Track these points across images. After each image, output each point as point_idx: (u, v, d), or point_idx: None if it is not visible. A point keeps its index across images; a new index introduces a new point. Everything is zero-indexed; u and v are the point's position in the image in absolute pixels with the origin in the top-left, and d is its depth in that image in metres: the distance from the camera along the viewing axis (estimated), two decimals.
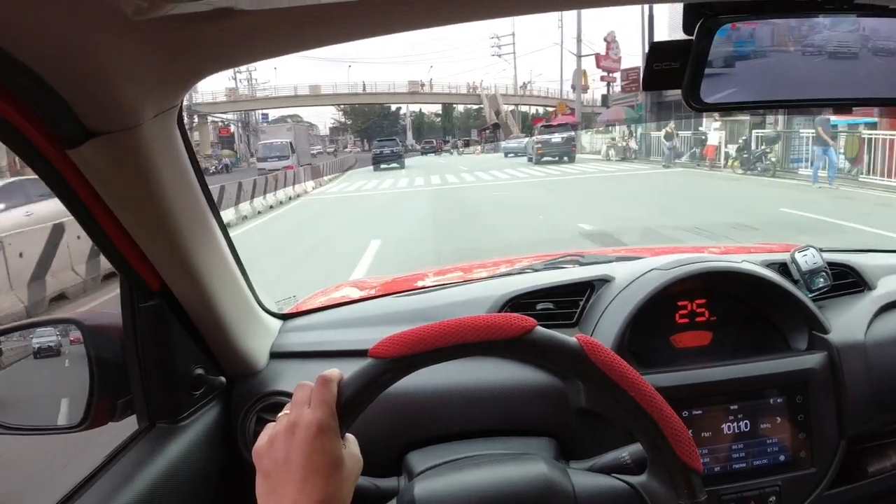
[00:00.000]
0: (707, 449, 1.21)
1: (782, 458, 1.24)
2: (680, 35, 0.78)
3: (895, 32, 0.82)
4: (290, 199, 20.40)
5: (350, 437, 0.77)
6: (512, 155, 38.04)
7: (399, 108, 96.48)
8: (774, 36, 0.80)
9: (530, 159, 31.30)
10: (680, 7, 0.79)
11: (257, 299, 1.28)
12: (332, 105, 79.25)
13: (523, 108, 75.43)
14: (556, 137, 29.90)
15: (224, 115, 61.10)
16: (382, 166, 35.12)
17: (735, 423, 1.23)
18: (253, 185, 17.51)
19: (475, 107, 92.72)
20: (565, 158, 29.43)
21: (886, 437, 1.37)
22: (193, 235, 0.97)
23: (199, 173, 0.99)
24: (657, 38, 0.77)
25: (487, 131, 65.50)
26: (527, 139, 37.30)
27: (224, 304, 1.09)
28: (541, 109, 72.07)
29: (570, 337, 0.76)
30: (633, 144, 29.83)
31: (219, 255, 1.08)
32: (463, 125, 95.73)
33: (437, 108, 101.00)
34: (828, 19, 0.80)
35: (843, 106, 0.87)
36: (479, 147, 57.48)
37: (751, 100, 0.82)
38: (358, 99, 75.17)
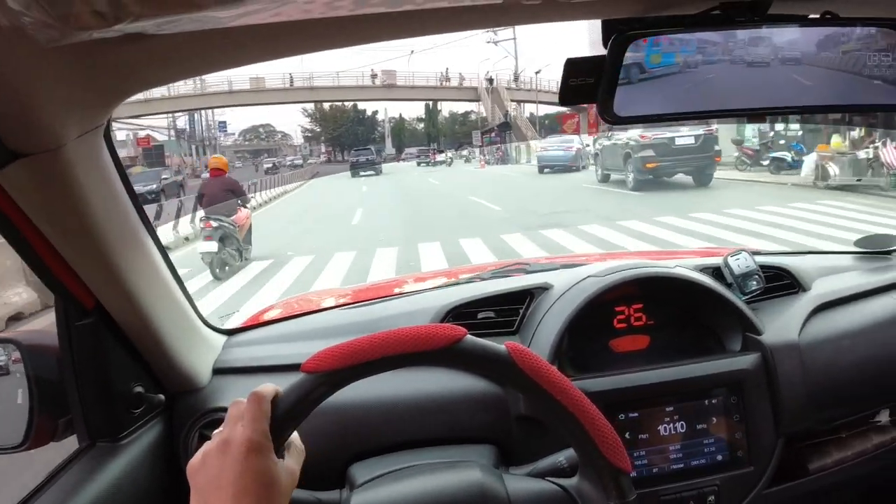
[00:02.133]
0: (644, 451, 1.24)
1: (720, 457, 1.27)
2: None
3: (807, 41, 0.85)
4: None
5: (297, 447, 0.77)
6: (548, 171, 24.66)
7: (376, 113, 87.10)
8: (687, 48, 0.82)
9: (605, 178, 18.82)
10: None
11: (199, 315, 1.27)
12: (279, 103, 60.79)
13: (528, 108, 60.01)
14: (686, 137, 15.08)
15: (140, 121, 46.64)
16: (361, 173, 36.66)
17: (672, 425, 1.25)
18: None
19: (463, 111, 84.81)
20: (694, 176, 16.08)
21: (826, 435, 1.41)
22: (125, 253, 0.97)
23: (131, 190, 0.99)
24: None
25: (492, 133, 52.55)
26: (576, 144, 25.39)
27: (161, 321, 1.09)
28: (550, 109, 56.66)
29: (499, 345, 0.77)
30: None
31: (153, 272, 1.08)
32: (448, 131, 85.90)
33: (420, 112, 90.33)
34: (743, 31, 0.83)
35: (755, 115, 0.90)
36: (479, 155, 44.70)
37: (664, 112, 0.84)
38: (315, 95, 59.90)
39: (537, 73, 60.27)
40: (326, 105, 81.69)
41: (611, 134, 17.77)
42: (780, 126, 18.02)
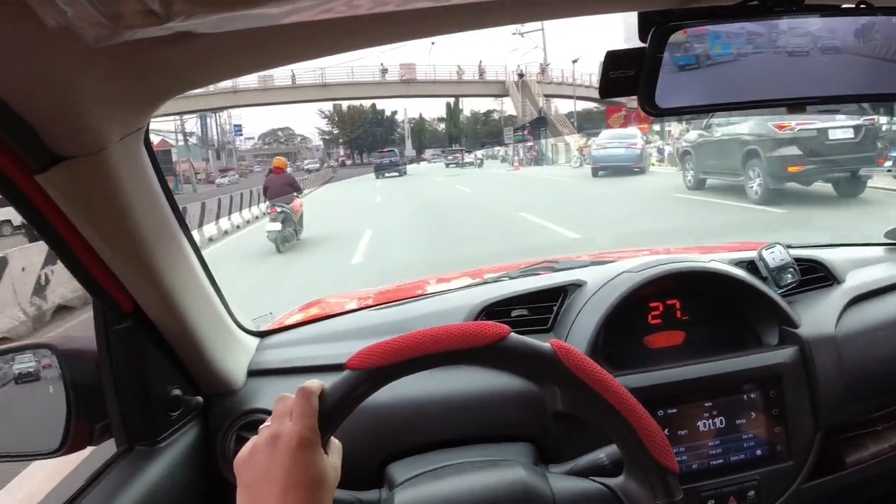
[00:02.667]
0: (684, 447, 1.23)
1: (759, 452, 1.26)
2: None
3: (846, 31, 0.85)
4: None
5: (336, 444, 0.77)
6: (602, 173, 21.10)
7: (395, 114, 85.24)
8: (727, 39, 0.82)
9: (700, 184, 13.75)
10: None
11: (233, 317, 1.28)
12: (287, 103, 57.46)
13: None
14: (843, 130, 10.49)
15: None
16: (386, 175, 37.77)
17: (711, 420, 1.25)
18: None
19: (485, 109, 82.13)
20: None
21: (863, 428, 1.39)
22: (164, 256, 0.98)
23: (169, 193, 0.99)
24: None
25: (524, 131, 48.67)
26: (639, 140, 21.34)
27: (198, 324, 1.09)
28: (578, 105, 51.27)
29: (543, 342, 0.77)
30: None
31: (191, 275, 1.08)
32: (470, 131, 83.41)
33: (440, 111, 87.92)
34: (780, 21, 0.82)
35: (795, 105, 0.89)
36: (512, 155, 40.85)
37: (705, 103, 0.84)
38: (327, 93, 56.22)
39: (574, 62, 59.52)
40: (344, 105, 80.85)
41: (708, 124, 13.02)
42: None
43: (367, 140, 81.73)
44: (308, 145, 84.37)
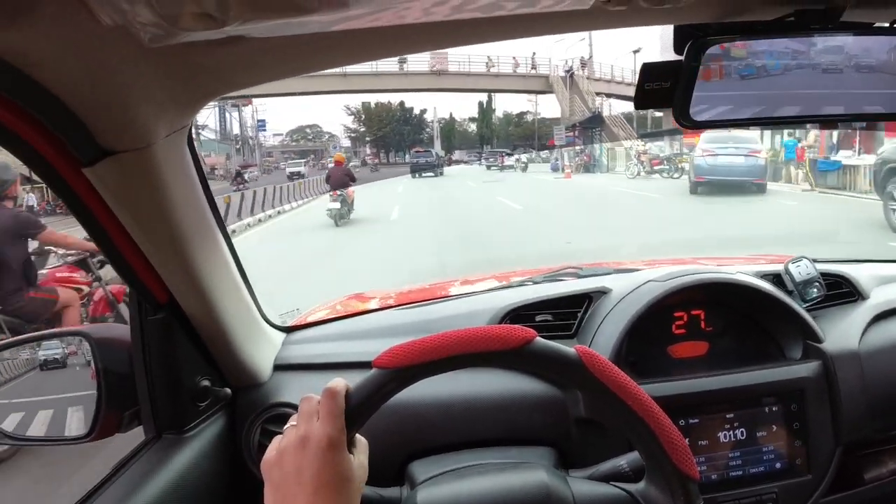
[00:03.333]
0: (704, 457, 1.23)
1: (778, 465, 1.26)
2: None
3: (880, 49, 0.85)
4: None
5: (361, 441, 0.78)
6: (703, 189, 15.59)
7: (424, 112, 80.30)
8: (763, 55, 0.83)
9: None
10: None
11: (261, 312, 1.30)
12: (304, 94, 49.11)
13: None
14: None
15: None
16: (425, 174, 36.11)
17: (732, 432, 1.25)
18: None
19: (518, 110, 79.68)
20: None
21: (883, 445, 1.39)
22: (201, 250, 1.00)
23: (208, 190, 1.02)
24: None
25: (574, 133, 43.76)
26: (762, 148, 15.98)
27: (230, 317, 1.12)
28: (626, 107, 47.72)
29: (569, 348, 0.78)
30: None
31: (225, 270, 1.11)
32: (502, 132, 78.87)
33: (472, 111, 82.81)
34: (816, 38, 0.83)
35: (828, 122, 0.90)
36: (564, 160, 33.32)
37: (740, 117, 0.85)
38: (347, 84, 49.45)
39: (636, 52, 48.90)
40: (372, 102, 78.36)
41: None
42: None
43: (394, 139, 78.63)
44: (336, 144, 79.18)
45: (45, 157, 0.76)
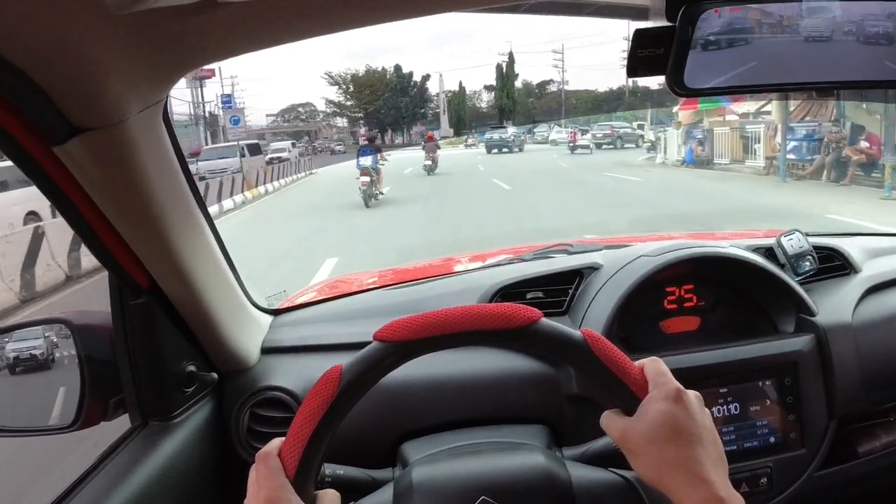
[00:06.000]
0: None
1: (772, 439, 1.26)
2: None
3: (878, 16, 0.83)
4: None
5: (329, 496, 0.77)
6: None
7: (426, 80, 65.14)
8: (757, 20, 0.81)
9: None
10: None
11: (247, 295, 1.28)
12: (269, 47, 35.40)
13: None
14: None
15: None
16: (494, 151, 34.74)
17: (725, 407, 1.24)
18: None
19: (539, 80, 67.75)
20: None
21: (876, 418, 1.39)
22: (181, 231, 0.97)
23: (186, 168, 0.99)
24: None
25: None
26: None
27: (214, 301, 1.09)
28: None
29: (574, 330, 0.76)
30: None
31: (207, 251, 1.08)
32: (521, 106, 64.63)
33: (485, 80, 72.00)
34: (811, 3, 0.81)
35: (824, 90, 0.88)
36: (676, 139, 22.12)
37: (734, 84, 0.83)
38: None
39: None
40: (361, 69, 64.38)
41: None
42: None
43: (389, 114, 63.26)
44: (333, 124, 70.17)
45: (12, 135, 0.73)
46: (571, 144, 32.41)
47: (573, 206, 12.70)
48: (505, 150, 34.58)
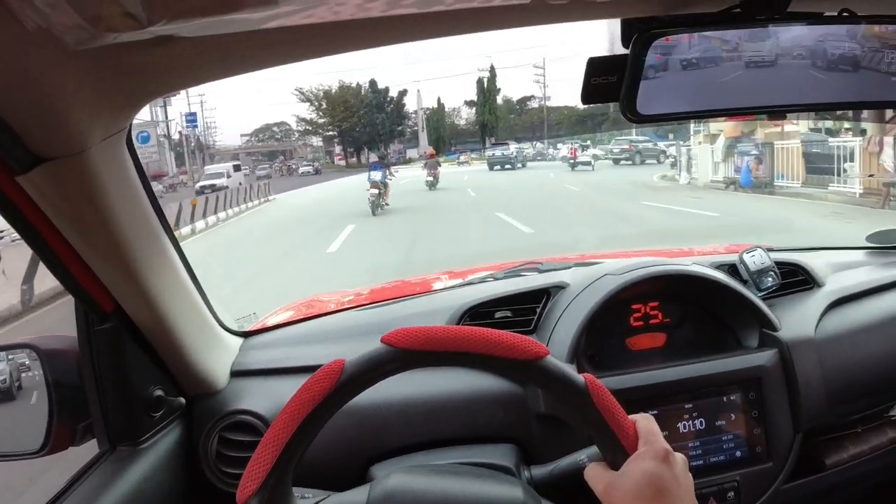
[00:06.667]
0: None
1: (739, 453, 1.27)
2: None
3: (826, 38, 0.85)
4: None
5: None
6: None
7: (403, 95, 60.76)
8: (708, 47, 0.83)
9: None
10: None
11: (216, 317, 1.28)
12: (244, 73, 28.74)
13: None
14: None
15: None
16: (496, 168, 33.52)
17: (691, 422, 1.26)
18: None
19: (520, 96, 63.34)
20: None
21: (843, 430, 1.41)
22: (146, 257, 0.97)
23: (151, 194, 0.99)
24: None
25: None
26: None
27: (180, 324, 1.09)
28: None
29: (577, 374, 0.76)
30: None
31: (173, 275, 1.08)
32: (504, 123, 61.94)
33: (466, 96, 67.60)
34: (761, 29, 0.83)
35: (774, 113, 0.90)
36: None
37: (686, 110, 0.85)
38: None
39: None
40: (335, 86, 59.53)
41: None
42: None
43: (364, 131, 58.98)
44: (308, 142, 68.03)
45: None
46: (572, 161, 30.49)
47: None
48: (508, 166, 33.57)
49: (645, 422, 0.78)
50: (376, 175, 15.59)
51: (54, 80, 0.67)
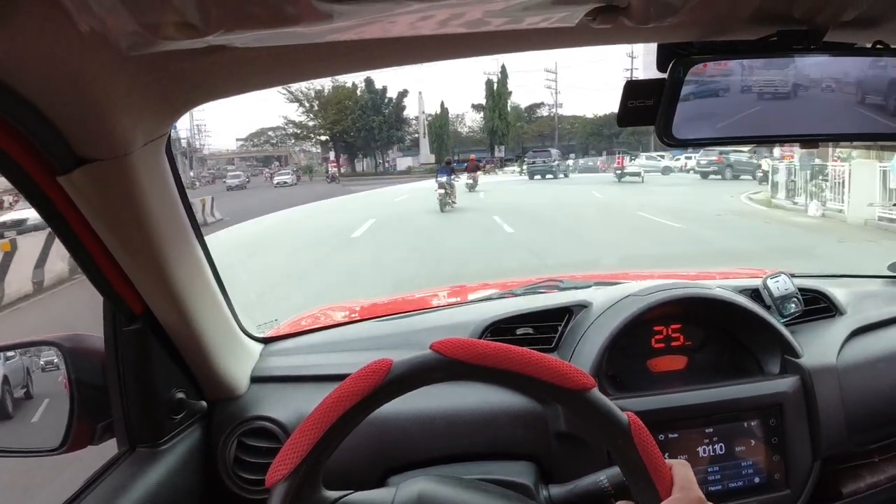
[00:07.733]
0: None
1: (757, 480, 1.27)
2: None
3: (860, 71, 0.86)
4: None
5: None
6: None
7: (403, 96, 54.13)
8: (744, 74, 0.83)
9: None
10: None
11: (239, 323, 1.29)
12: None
13: None
14: None
15: None
16: (537, 177, 32.11)
17: (710, 446, 1.25)
18: None
19: (528, 103, 58.59)
20: None
21: (861, 459, 1.40)
22: (178, 261, 0.98)
23: (186, 200, 1.00)
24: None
25: None
26: None
27: (206, 329, 1.10)
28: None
29: (621, 412, 0.76)
30: None
31: (202, 280, 1.09)
32: (513, 130, 55.55)
33: (473, 99, 63.12)
34: (796, 59, 0.83)
35: (808, 142, 0.90)
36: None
37: (722, 136, 0.85)
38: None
39: None
40: (326, 86, 52.62)
41: None
42: None
43: (359, 135, 52.79)
44: (304, 148, 63.08)
45: (19, 165, 0.75)
46: (619, 171, 27.97)
47: None
48: (549, 175, 31.78)
49: (682, 468, 0.78)
50: (443, 178, 18.09)
51: (105, 83, 0.69)
